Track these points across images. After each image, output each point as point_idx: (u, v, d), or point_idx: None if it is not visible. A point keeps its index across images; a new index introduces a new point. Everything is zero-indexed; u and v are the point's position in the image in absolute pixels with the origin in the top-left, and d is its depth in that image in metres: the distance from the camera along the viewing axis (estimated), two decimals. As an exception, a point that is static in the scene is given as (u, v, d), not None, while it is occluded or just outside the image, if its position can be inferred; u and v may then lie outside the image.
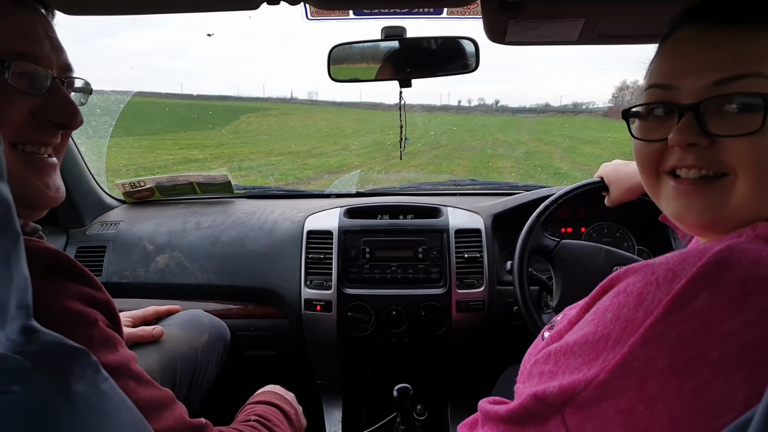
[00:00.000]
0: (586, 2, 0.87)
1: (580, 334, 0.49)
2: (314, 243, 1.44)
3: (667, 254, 0.48)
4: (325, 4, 0.90)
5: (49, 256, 0.50)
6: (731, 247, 0.43)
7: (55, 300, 0.49)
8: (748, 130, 0.48)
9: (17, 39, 0.57)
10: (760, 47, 0.49)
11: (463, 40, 1.13)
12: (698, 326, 0.41)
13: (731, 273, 0.41)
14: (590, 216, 1.53)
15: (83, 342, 0.49)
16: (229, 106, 32.80)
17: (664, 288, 0.43)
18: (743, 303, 0.40)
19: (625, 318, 0.45)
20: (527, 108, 44.05)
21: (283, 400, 0.94)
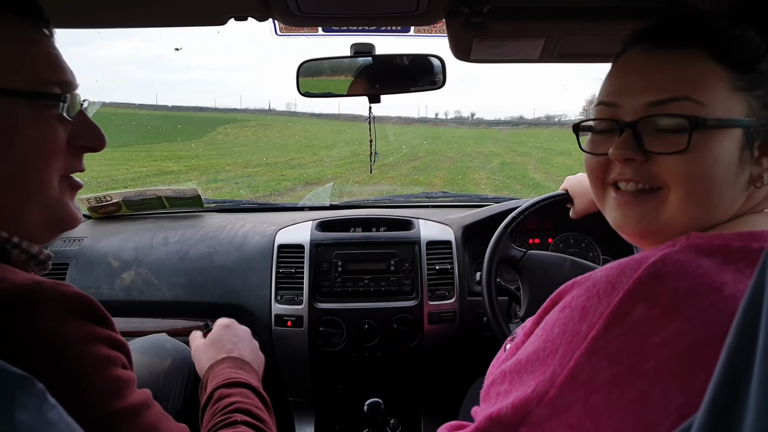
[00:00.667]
0: (547, 22, 0.90)
1: (531, 350, 0.50)
2: (285, 257, 1.43)
3: (607, 265, 0.49)
4: (292, 21, 0.91)
5: (77, 300, 0.50)
6: (664, 258, 0.45)
7: (83, 346, 0.49)
8: (678, 149, 0.51)
9: (53, 68, 0.57)
10: (693, 71, 0.52)
11: (431, 58, 1.16)
12: (635, 337, 0.42)
13: (663, 285, 0.43)
14: (557, 227, 1.56)
15: (109, 384, 0.50)
16: (205, 118, 32.49)
17: (604, 301, 0.45)
18: (673, 314, 0.42)
19: (571, 332, 0.46)
20: (502, 120, 44.80)
21: (247, 370, 0.85)
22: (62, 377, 0.47)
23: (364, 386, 1.48)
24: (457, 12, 0.87)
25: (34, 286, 0.48)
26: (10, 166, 0.54)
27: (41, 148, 0.56)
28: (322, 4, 0.85)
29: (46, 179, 0.57)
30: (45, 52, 0.57)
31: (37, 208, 0.57)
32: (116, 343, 0.54)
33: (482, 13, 0.86)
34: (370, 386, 1.47)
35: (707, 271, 0.43)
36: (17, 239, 0.56)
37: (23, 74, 0.54)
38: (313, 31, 1.10)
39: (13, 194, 0.55)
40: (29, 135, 0.55)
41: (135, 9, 0.88)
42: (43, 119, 0.56)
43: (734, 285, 0.42)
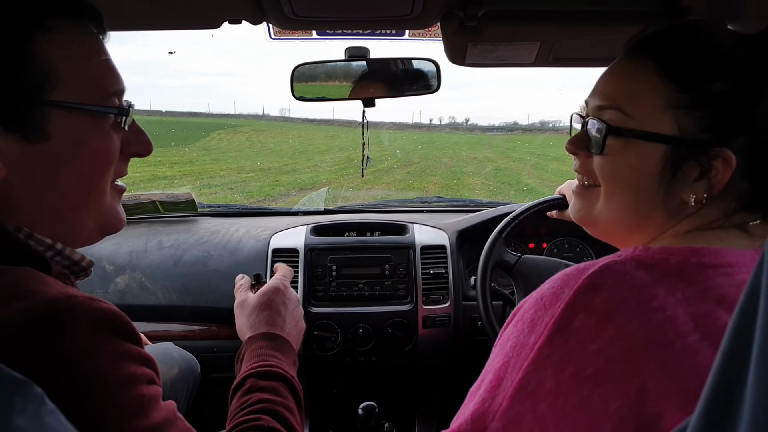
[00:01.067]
0: (541, 27, 0.91)
1: (489, 365, 0.52)
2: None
3: (556, 275, 0.51)
4: (286, 24, 0.91)
5: (107, 316, 0.50)
6: (603, 269, 0.47)
7: (110, 364, 0.49)
8: (596, 152, 0.57)
9: (111, 78, 0.57)
10: (634, 82, 0.55)
11: (426, 62, 1.16)
12: (575, 345, 0.44)
13: (599, 295, 0.45)
14: (552, 232, 1.57)
15: (134, 403, 0.49)
16: (199, 123, 32.44)
17: (549, 312, 0.47)
18: (607, 322, 0.44)
19: (521, 344, 0.48)
20: (496, 126, 45.06)
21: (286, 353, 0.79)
22: (86, 395, 0.46)
23: (358, 390, 1.48)
24: (452, 16, 0.88)
25: (65, 300, 0.47)
26: (74, 177, 0.55)
27: (102, 158, 0.57)
28: (316, 8, 0.85)
29: (103, 188, 0.59)
30: (103, 61, 0.57)
31: (93, 216, 0.58)
32: (144, 359, 0.53)
33: (477, 17, 0.86)
34: (365, 390, 1.46)
35: (641, 283, 0.45)
36: (60, 246, 0.56)
37: (86, 87, 0.54)
38: (308, 34, 1.10)
39: (73, 205, 0.56)
40: (93, 146, 0.56)
41: (129, 12, 0.88)
42: (104, 130, 0.56)
43: (665, 297, 0.44)
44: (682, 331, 0.42)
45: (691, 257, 0.47)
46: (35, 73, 0.50)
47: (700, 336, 0.42)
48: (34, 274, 0.49)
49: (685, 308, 0.43)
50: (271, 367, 0.73)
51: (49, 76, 0.51)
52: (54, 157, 0.53)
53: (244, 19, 0.91)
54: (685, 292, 0.44)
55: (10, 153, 0.51)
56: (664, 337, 0.42)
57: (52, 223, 0.55)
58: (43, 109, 0.51)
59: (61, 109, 0.52)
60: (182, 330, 1.40)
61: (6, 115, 0.50)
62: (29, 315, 0.45)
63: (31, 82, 0.50)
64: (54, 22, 0.52)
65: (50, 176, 0.53)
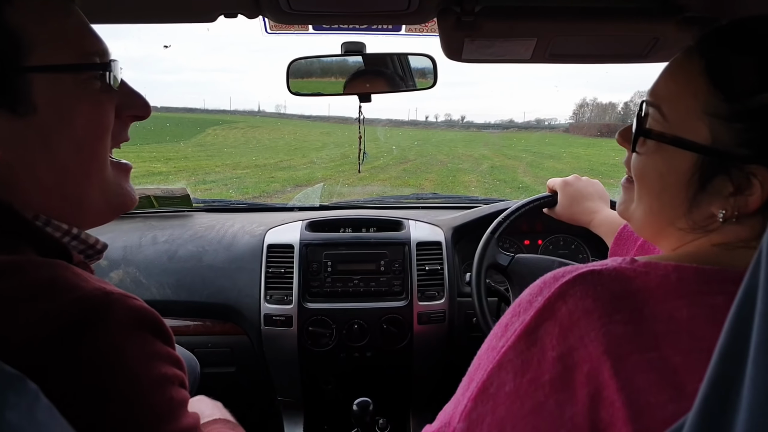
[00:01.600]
0: (538, 22, 0.91)
1: (470, 369, 0.52)
2: (275, 257, 1.42)
3: (537, 281, 0.51)
4: (282, 18, 0.91)
5: (143, 315, 0.49)
6: (576, 278, 0.47)
7: (145, 364, 0.48)
8: (632, 149, 0.57)
9: (90, 39, 0.55)
10: (678, 83, 0.52)
11: (422, 57, 1.16)
12: (537, 351, 0.45)
13: (566, 305, 0.46)
14: (547, 228, 1.57)
15: (164, 405, 0.48)
16: (194, 119, 32.29)
17: (521, 318, 0.48)
18: (569, 332, 0.45)
19: (492, 347, 0.49)
20: (492, 124, 45.11)
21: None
22: (118, 394, 0.45)
23: (353, 386, 1.48)
24: (449, 11, 0.87)
25: (102, 296, 0.47)
26: (70, 148, 0.53)
27: (95, 124, 0.54)
28: (312, 2, 0.84)
29: (102, 158, 0.56)
30: (79, 21, 0.54)
31: (98, 191, 0.57)
32: (176, 361, 0.52)
33: (474, 12, 0.86)
34: (359, 386, 1.47)
35: (609, 295, 0.45)
36: (76, 230, 0.55)
37: (65, 49, 0.52)
38: (304, 29, 1.09)
39: (75, 178, 0.54)
40: (83, 112, 0.53)
41: (124, 4, 0.87)
42: (91, 94, 0.54)
43: (629, 312, 0.44)
44: (640, 347, 0.42)
45: (673, 274, 0.46)
46: (6, 40, 0.48)
47: (658, 354, 0.42)
48: (69, 268, 0.49)
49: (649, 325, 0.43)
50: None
51: (21, 41, 0.49)
52: (44, 128, 0.51)
53: (240, 12, 0.90)
54: (655, 309, 0.44)
55: (1, 130, 0.49)
56: (620, 348, 0.42)
57: (59, 203, 0.54)
58: (22, 76, 0.49)
59: (41, 75, 0.50)
60: (176, 325, 1.40)
61: None
62: (67, 310, 0.45)
63: (3, 50, 0.48)
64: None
65: (45, 150, 0.51)
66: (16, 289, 0.45)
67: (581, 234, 1.55)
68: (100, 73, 0.54)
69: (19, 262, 0.47)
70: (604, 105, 52.72)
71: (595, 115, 48.82)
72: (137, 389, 0.47)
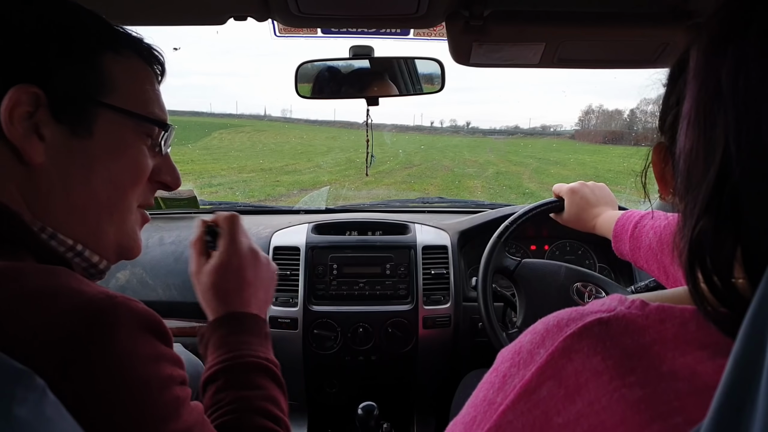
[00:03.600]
0: (547, 27, 0.91)
1: (462, 411, 0.48)
2: (281, 259, 1.42)
3: (539, 322, 0.46)
4: (291, 21, 0.91)
5: (146, 317, 0.51)
6: (583, 331, 0.42)
7: (150, 366, 0.49)
8: None
9: (160, 108, 0.63)
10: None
11: (430, 61, 1.16)
12: (539, 415, 0.41)
13: (572, 364, 0.41)
14: (553, 234, 1.57)
15: (169, 405, 0.49)
16: (201, 122, 32.44)
17: (521, 372, 0.43)
18: (575, 395, 0.39)
19: (489, 401, 0.44)
20: (497, 130, 45.09)
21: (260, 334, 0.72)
22: (126, 396, 0.46)
23: (357, 390, 1.47)
24: (458, 15, 0.87)
25: (107, 301, 0.47)
26: (106, 180, 0.57)
27: (134, 170, 0.60)
28: (322, 5, 0.85)
29: (130, 204, 0.61)
30: (156, 92, 0.63)
31: (114, 230, 0.60)
32: (177, 361, 0.54)
33: (482, 16, 0.86)
34: (364, 390, 1.46)
35: (619, 353, 0.40)
36: (80, 247, 0.57)
37: (136, 103, 0.59)
38: (312, 32, 1.10)
39: (100, 208, 0.58)
40: (128, 155, 0.59)
41: (133, 7, 0.88)
42: (140, 146, 0.60)
43: (645, 371, 0.39)
44: (662, 412, 0.37)
45: (692, 322, 0.40)
46: (96, 77, 0.56)
47: (684, 418, 0.36)
48: (71, 274, 0.50)
49: (669, 384, 0.38)
50: (242, 357, 0.67)
51: (107, 84, 0.57)
52: (92, 154, 0.56)
53: (249, 15, 0.91)
54: (674, 364, 0.39)
55: (54, 142, 0.54)
56: (639, 416, 0.37)
57: (76, 225, 0.57)
58: (94, 108, 0.56)
59: (109, 112, 0.57)
60: (182, 326, 1.40)
61: (62, 107, 0.54)
62: (73, 314, 0.45)
63: (90, 83, 0.56)
64: (125, 50, 0.59)
65: (85, 172, 0.56)
66: (20, 293, 0.45)
67: (588, 240, 1.54)
68: (156, 132, 0.62)
69: (20, 267, 0.48)
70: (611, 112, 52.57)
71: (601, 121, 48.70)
72: (146, 390, 0.48)
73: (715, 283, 0.37)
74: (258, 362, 0.68)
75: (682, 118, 0.41)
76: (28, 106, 0.52)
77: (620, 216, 1.02)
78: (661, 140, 0.49)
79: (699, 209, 0.37)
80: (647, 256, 0.94)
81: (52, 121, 0.53)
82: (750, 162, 0.34)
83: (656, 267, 0.93)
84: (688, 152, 0.39)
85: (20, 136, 0.52)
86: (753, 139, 0.34)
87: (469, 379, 1.29)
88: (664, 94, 0.48)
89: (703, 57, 0.38)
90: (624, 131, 29.50)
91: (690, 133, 0.39)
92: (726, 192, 0.35)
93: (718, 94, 0.36)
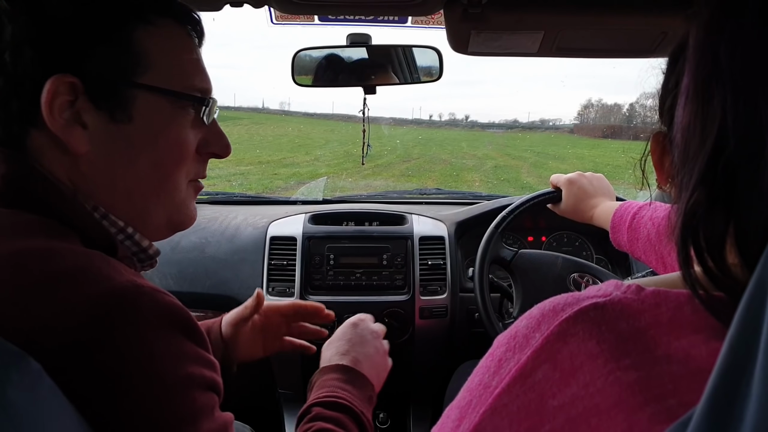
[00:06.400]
0: (546, 15, 0.90)
1: (458, 396, 0.48)
2: (277, 249, 1.42)
3: (535, 307, 0.46)
4: (288, 8, 0.90)
5: (171, 310, 0.49)
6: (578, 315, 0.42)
7: (169, 361, 0.47)
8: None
9: (200, 76, 0.60)
10: None
11: (428, 49, 1.15)
12: (535, 398, 0.41)
13: (567, 347, 0.41)
14: (550, 225, 1.56)
15: (187, 405, 0.47)
16: (198, 115, 32.19)
17: (516, 356, 0.43)
18: (570, 378, 0.40)
19: (485, 384, 0.44)
20: (496, 124, 45.06)
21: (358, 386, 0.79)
22: (139, 391, 0.44)
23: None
24: (456, 2, 0.87)
25: (132, 289, 0.46)
26: (148, 164, 0.57)
27: (176, 150, 0.58)
28: (319, -9, 0.84)
29: (176, 182, 0.60)
30: (194, 59, 0.60)
31: (163, 209, 0.60)
32: (207, 363, 0.51)
33: (481, 4, 0.85)
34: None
35: (615, 336, 0.40)
36: (131, 230, 0.57)
37: (174, 78, 0.57)
38: (309, 20, 1.09)
39: (145, 191, 0.58)
40: (169, 136, 0.57)
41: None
42: (182, 122, 0.58)
43: (641, 354, 0.39)
44: (656, 394, 0.37)
45: (687, 306, 0.41)
46: (129, 56, 0.54)
47: (678, 400, 0.37)
48: (106, 259, 0.49)
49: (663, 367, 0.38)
50: (338, 398, 0.71)
51: (142, 61, 0.54)
52: (132, 139, 0.55)
53: (245, 1, 0.90)
54: (669, 347, 0.39)
55: (96, 130, 0.53)
56: (633, 399, 0.37)
57: (124, 207, 0.57)
58: (130, 90, 0.54)
59: (146, 93, 0.55)
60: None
61: (99, 92, 0.53)
62: (94, 301, 0.44)
63: (124, 64, 0.54)
64: (157, 18, 0.56)
65: (127, 158, 0.55)
66: (47, 273, 0.45)
67: (585, 231, 1.55)
68: (197, 105, 0.59)
69: (56, 247, 0.47)
70: (610, 106, 52.50)
71: (600, 116, 48.65)
72: (158, 388, 0.45)
73: (707, 263, 0.37)
74: (352, 408, 0.71)
75: (681, 93, 0.41)
76: (67, 96, 0.51)
77: (618, 207, 1.02)
78: (661, 129, 0.49)
79: (694, 181, 0.37)
80: (645, 247, 0.94)
81: (93, 108, 0.53)
82: (745, 134, 0.34)
83: (654, 258, 0.93)
84: (686, 126, 0.39)
85: (62, 128, 0.51)
86: (750, 112, 0.34)
87: (464, 369, 1.29)
88: (664, 78, 0.48)
89: (703, 32, 0.38)
90: (623, 125, 29.49)
91: (688, 108, 0.39)
92: (721, 164, 0.35)
93: (716, 69, 0.36)
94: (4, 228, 0.47)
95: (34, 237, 0.47)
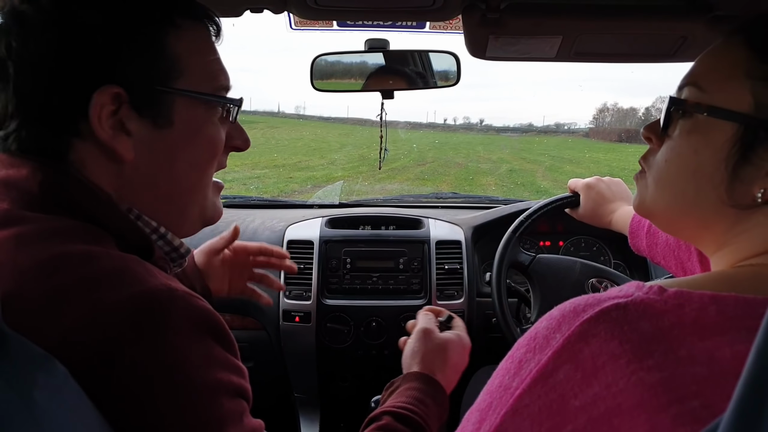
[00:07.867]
0: (564, 20, 0.90)
1: (478, 399, 0.48)
2: (294, 253, 1.43)
3: (555, 309, 0.46)
4: (308, 14, 0.91)
5: (203, 316, 0.49)
6: (600, 315, 0.42)
7: (198, 367, 0.47)
8: (663, 133, 0.52)
9: (223, 74, 0.62)
10: (718, 57, 0.49)
11: (446, 54, 1.15)
12: (556, 399, 0.40)
13: (589, 347, 0.40)
14: (568, 230, 1.55)
15: (214, 411, 0.47)
16: (214, 118, 32.56)
17: (537, 357, 0.43)
18: (592, 378, 0.39)
19: (505, 386, 0.44)
20: (511, 127, 44.80)
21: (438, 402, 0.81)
22: (167, 394, 0.45)
23: (370, 384, 1.48)
24: (474, 8, 0.87)
25: (166, 293, 0.47)
26: (187, 164, 0.59)
27: (212, 147, 0.61)
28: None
29: (209, 177, 0.63)
30: (217, 59, 0.62)
31: (197, 206, 0.62)
32: (236, 369, 0.52)
33: (499, 9, 0.85)
34: (377, 384, 1.46)
35: (638, 337, 0.40)
36: (163, 230, 0.59)
37: (204, 79, 0.59)
38: (328, 25, 1.10)
39: (183, 191, 0.60)
40: (206, 135, 0.60)
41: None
42: (214, 121, 0.60)
43: (663, 355, 0.39)
44: (679, 396, 0.37)
45: (711, 307, 0.40)
46: (165, 62, 0.55)
47: (701, 402, 0.36)
48: (141, 263, 0.49)
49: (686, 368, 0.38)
50: (413, 414, 0.72)
51: (176, 66, 0.56)
52: (174, 143, 0.57)
53: (265, 7, 0.91)
54: (693, 348, 0.38)
55: (140, 136, 0.54)
56: (656, 400, 0.37)
57: (164, 208, 0.59)
58: (170, 96, 0.56)
59: (184, 98, 0.57)
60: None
61: (142, 100, 0.54)
62: (129, 304, 0.45)
63: (162, 71, 0.55)
64: (182, 21, 0.57)
65: (168, 161, 0.57)
66: (85, 276, 0.45)
67: (603, 236, 1.53)
68: (225, 104, 0.61)
69: (93, 251, 0.48)
70: (625, 110, 51.87)
71: (616, 120, 48.06)
72: (186, 392, 0.45)
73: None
74: (423, 427, 0.73)
75: None
76: (111, 105, 0.52)
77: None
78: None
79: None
80: (665, 252, 0.93)
81: (135, 116, 0.54)
82: None
83: (674, 263, 0.92)
84: None
85: (109, 137, 0.52)
86: None
87: (481, 374, 1.28)
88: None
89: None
90: (639, 129, 29.07)
91: None
92: None
93: None
94: (42, 233, 0.48)
95: (71, 241, 0.48)
